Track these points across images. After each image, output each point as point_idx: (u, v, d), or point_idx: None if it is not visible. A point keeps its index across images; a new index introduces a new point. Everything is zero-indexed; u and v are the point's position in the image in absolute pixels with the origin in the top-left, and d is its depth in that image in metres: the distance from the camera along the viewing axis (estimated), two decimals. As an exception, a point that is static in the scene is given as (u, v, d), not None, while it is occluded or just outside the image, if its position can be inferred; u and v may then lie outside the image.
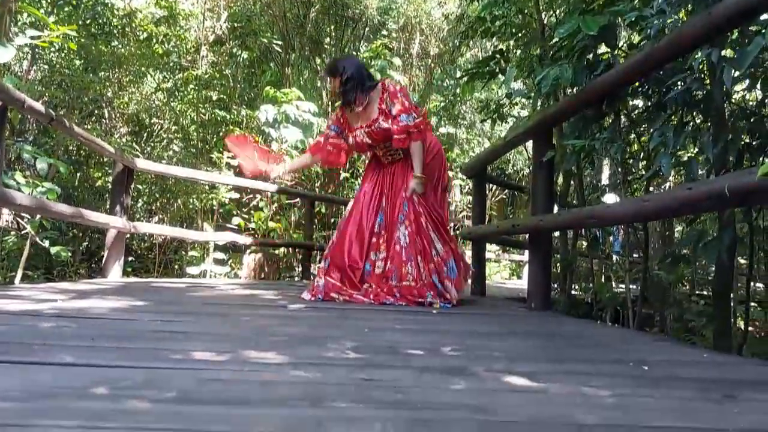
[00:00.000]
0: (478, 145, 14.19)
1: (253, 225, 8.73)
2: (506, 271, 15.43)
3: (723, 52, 2.14)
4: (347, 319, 2.66)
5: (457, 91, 11.71)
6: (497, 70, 6.29)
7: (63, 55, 7.59)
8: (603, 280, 5.78)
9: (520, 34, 5.86)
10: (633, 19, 2.47)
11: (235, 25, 8.93)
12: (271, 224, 8.78)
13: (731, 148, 2.27)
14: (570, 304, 4.87)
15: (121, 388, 1.16)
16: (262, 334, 2.03)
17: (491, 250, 14.31)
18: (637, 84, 2.87)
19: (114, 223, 5.21)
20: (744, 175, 1.87)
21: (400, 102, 3.66)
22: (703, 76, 2.20)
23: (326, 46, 11.53)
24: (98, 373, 1.29)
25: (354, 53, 11.01)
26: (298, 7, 9.51)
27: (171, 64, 9.16)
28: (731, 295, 2.96)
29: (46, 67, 7.86)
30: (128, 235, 6.32)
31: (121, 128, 9.80)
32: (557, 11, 4.86)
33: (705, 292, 6.04)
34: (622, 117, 2.99)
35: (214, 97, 9.18)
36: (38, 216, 5.48)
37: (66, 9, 7.02)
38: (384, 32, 12.06)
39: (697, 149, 2.49)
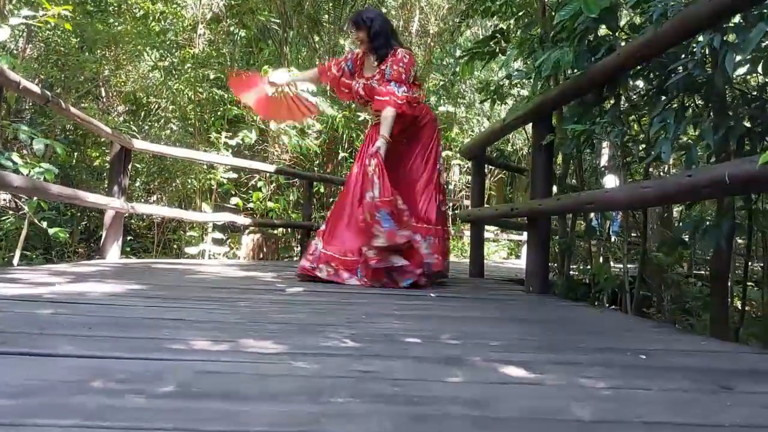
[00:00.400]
0: (477, 124, 14.12)
1: (251, 205, 8.73)
2: (504, 251, 15.45)
3: (725, 37, 2.11)
4: (345, 304, 2.66)
5: (457, 69, 11.61)
6: (497, 50, 6.23)
7: (59, 33, 7.50)
8: (601, 261, 5.78)
9: (521, 14, 5.80)
10: (635, 0, 2.44)
11: (232, 2, 8.82)
12: (270, 204, 8.78)
13: (732, 134, 2.25)
14: (568, 287, 4.88)
15: (119, 382, 1.16)
16: (260, 321, 2.04)
17: (489, 229, 14.31)
18: (638, 66, 2.84)
19: (112, 204, 5.20)
20: (745, 163, 1.86)
21: (398, 71, 3.72)
22: (705, 60, 2.17)
23: (324, 24, 11.41)
24: (96, 365, 1.29)
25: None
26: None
27: (168, 43, 9.05)
28: (729, 276, 2.96)
29: (42, 45, 7.77)
30: (126, 215, 6.30)
31: (118, 107, 9.73)
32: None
33: (702, 272, 6.06)
34: (622, 100, 2.96)
35: (212, 76, 9.10)
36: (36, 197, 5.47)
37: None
38: (383, 10, 11.93)
39: (697, 133, 2.47)
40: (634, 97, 3.01)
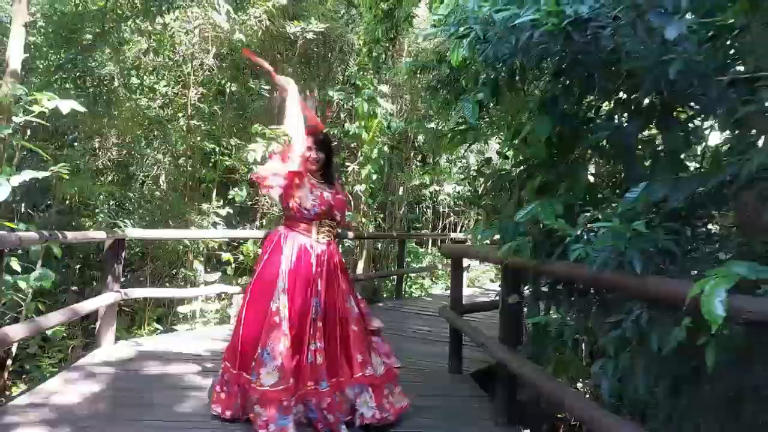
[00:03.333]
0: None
1: (242, 258, 8.93)
2: (492, 272, 15.68)
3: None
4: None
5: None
6: (478, 133, 6.46)
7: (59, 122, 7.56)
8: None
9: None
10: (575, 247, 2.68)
11: (223, 65, 8.99)
12: (260, 256, 9.00)
13: (662, 382, 2.53)
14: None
15: None
16: None
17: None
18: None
19: (106, 300, 5.46)
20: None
21: None
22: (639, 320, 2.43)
23: (313, 64, 11.47)
24: None
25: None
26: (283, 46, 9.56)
27: (160, 97, 9.24)
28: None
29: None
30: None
31: (112, 150, 9.89)
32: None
33: None
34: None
35: (203, 127, 9.31)
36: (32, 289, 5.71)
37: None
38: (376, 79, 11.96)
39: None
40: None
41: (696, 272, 2.37)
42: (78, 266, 9.03)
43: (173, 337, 6.75)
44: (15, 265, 5.14)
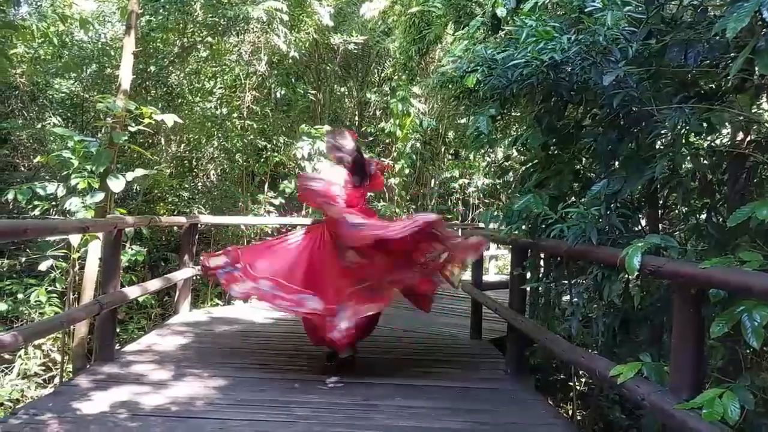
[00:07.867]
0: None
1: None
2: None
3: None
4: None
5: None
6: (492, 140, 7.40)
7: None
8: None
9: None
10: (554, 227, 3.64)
11: (275, 73, 10.09)
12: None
13: (614, 322, 3.49)
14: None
15: None
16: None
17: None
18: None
19: (183, 275, 6.61)
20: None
21: None
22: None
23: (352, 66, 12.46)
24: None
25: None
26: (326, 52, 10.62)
27: (218, 97, 10.43)
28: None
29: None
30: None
31: (174, 145, 11.10)
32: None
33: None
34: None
35: (255, 126, 10.44)
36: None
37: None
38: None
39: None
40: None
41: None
42: (145, 248, 10.29)
43: (234, 309, 7.90)
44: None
